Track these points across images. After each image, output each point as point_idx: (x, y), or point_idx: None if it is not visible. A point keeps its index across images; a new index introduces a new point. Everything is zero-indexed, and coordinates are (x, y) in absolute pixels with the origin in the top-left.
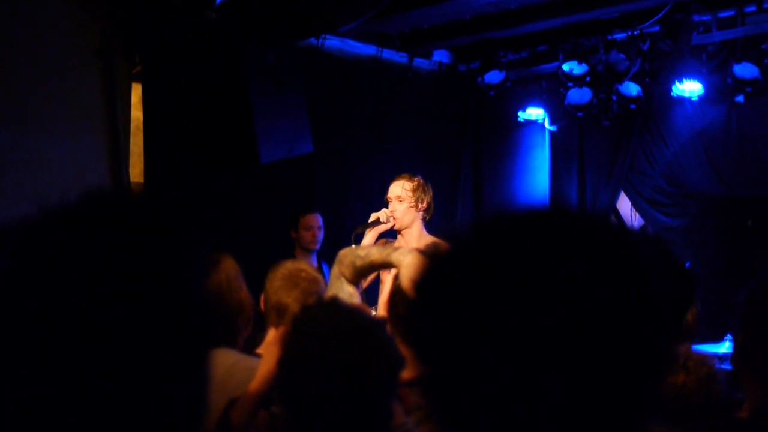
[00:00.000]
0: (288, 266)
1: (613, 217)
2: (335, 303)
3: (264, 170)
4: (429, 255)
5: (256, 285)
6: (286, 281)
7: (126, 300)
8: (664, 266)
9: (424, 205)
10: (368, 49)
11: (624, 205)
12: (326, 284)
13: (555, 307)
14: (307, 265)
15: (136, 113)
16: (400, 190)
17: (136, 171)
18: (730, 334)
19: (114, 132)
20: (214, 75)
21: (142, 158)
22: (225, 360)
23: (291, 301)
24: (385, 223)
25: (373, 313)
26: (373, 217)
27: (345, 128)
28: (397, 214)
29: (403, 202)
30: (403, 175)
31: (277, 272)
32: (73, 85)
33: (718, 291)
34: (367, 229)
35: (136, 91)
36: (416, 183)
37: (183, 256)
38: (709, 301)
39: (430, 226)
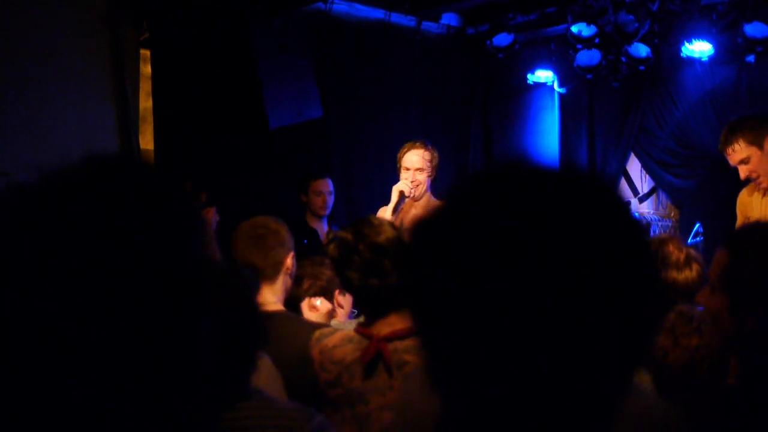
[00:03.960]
0: (245, 225)
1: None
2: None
3: (277, 136)
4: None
5: None
6: (247, 240)
7: (120, 264)
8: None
9: (436, 172)
10: (376, 13)
11: (634, 167)
12: (292, 236)
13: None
14: (268, 220)
15: (145, 80)
16: (420, 160)
17: (146, 138)
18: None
19: (123, 99)
20: (221, 41)
21: (151, 125)
22: None
23: (256, 260)
24: (409, 195)
25: None
26: (395, 193)
27: (354, 93)
28: (417, 184)
29: (423, 173)
30: (417, 143)
31: (238, 232)
32: (80, 53)
33: None
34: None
35: (145, 58)
36: (433, 153)
37: (179, 220)
38: None
39: (439, 191)
